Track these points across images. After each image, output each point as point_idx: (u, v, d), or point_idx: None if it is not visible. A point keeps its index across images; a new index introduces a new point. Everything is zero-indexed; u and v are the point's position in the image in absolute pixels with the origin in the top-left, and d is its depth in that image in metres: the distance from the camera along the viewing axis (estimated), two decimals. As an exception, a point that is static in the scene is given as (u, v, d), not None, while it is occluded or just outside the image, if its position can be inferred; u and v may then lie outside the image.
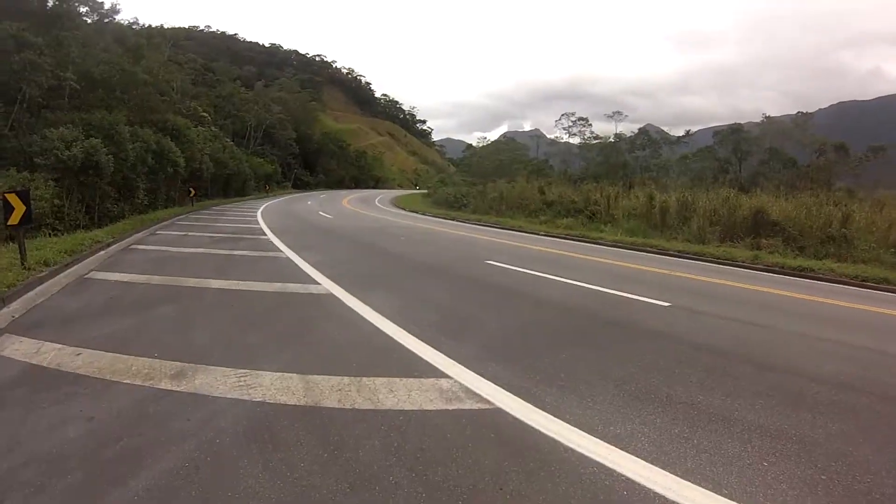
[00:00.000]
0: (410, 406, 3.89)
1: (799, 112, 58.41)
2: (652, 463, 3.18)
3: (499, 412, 3.81)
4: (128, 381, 4.27)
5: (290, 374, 4.45)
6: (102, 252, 11.72)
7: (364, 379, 4.37)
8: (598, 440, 3.42)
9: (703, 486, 2.96)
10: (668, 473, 3.07)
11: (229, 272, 9.50)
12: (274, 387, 4.20)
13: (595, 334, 6.04)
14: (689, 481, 3.00)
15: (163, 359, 4.77)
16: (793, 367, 5.12)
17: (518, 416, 3.74)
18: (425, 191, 61.12)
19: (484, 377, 4.45)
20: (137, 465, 3.05)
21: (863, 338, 6.58)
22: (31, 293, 7.46)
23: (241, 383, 4.26)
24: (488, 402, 3.97)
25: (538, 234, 20.18)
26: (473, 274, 10.13)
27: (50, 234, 14.08)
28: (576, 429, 3.56)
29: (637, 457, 3.23)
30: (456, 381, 4.35)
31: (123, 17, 54.44)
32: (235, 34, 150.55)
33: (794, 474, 3.14)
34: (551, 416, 3.74)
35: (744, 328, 6.70)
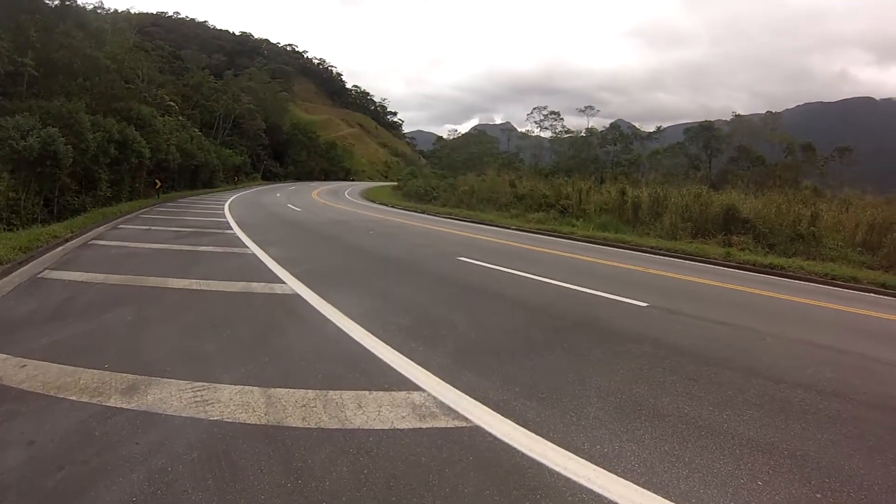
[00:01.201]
0: (381, 424, 3.58)
1: (768, 111, 59.82)
2: (644, 486, 2.94)
3: (477, 431, 3.53)
4: (74, 398, 3.87)
5: (250, 388, 4.11)
6: (60, 248, 11.13)
7: (331, 393, 4.06)
8: (584, 462, 3.16)
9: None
10: (661, 499, 2.84)
11: (191, 270, 9.06)
12: (233, 402, 3.85)
13: (574, 338, 5.78)
14: (683, 507, 2.78)
15: (114, 371, 4.37)
16: (776, 372, 4.97)
17: (498, 435, 3.46)
18: (395, 183, 60.75)
19: (459, 389, 4.17)
20: (80, 500, 2.72)
21: (841, 340, 6.53)
22: None
23: (197, 398, 3.90)
24: (465, 418, 3.69)
25: (509, 229, 20.05)
26: (445, 272, 9.86)
27: (5, 229, 13.47)
28: (561, 449, 3.30)
29: (628, 480, 2.99)
30: (429, 395, 4.06)
31: (87, 1, 53.05)
32: (205, 21, 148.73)
33: (790, 494, 2.97)
34: (534, 435, 3.46)
35: (724, 330, 6.56)
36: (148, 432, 3.40)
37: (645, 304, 7.58)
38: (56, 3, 32.06)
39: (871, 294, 10.69)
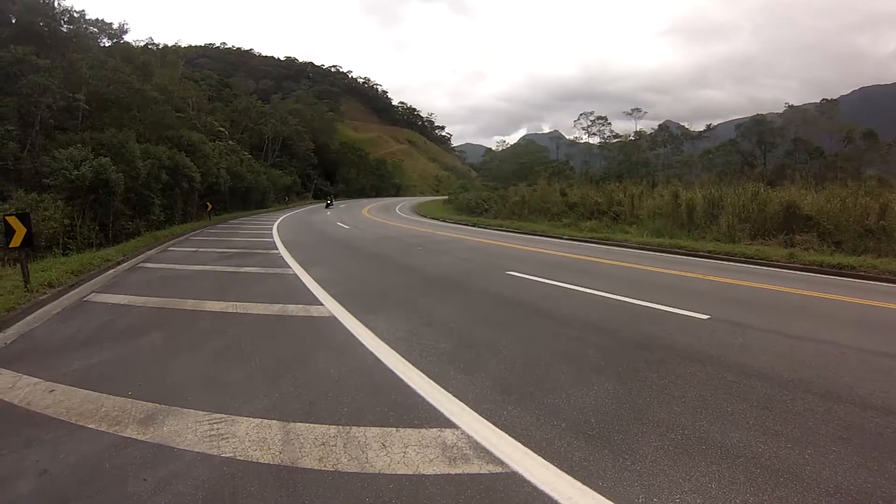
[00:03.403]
0: (405, 469, 3.18)
1: (823, 99, 57.19)
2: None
3: (514, 478, 3.07)
4: (93, 426, 3.82)
5: (269, 422, 3.84)
6: (111, 272, 11.44)
7: (353, 429, 3.70)
8: (640, 521, 2.67)
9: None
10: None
11: (230, 292, 8.98)
12: (249, 438, 3.58)
13: (629, 360, 5.22)
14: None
15: (136, 398, 4.29)
16: (862, 395, 4.32)
17: (538, 483, 2.99)
18: (446, 197, 60.77)
19: (497, 426, 3.72)
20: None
21: None
22: (29, 317, 7.30)
23: (213, 432, 3.67)
24: (501, 462, 3.23)
25: (561, 239, 19.50)
26: (492, 288, 9.39)
27: (61, 253, 13.93)
28: (610, 503, 2.82)
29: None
30: (463, 433, 3.63)
31: (138, 38, 55.39)
32: (251, 49, 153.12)
33: None
34: (580, 484, 2.98)
35: (796, 344, 5.88)
36: (157, 468, 3.25)
37: (706, 317, 6.95)
38: (106, 42, 33.45)
39: None
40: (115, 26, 34.46)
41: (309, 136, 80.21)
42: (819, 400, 4.22)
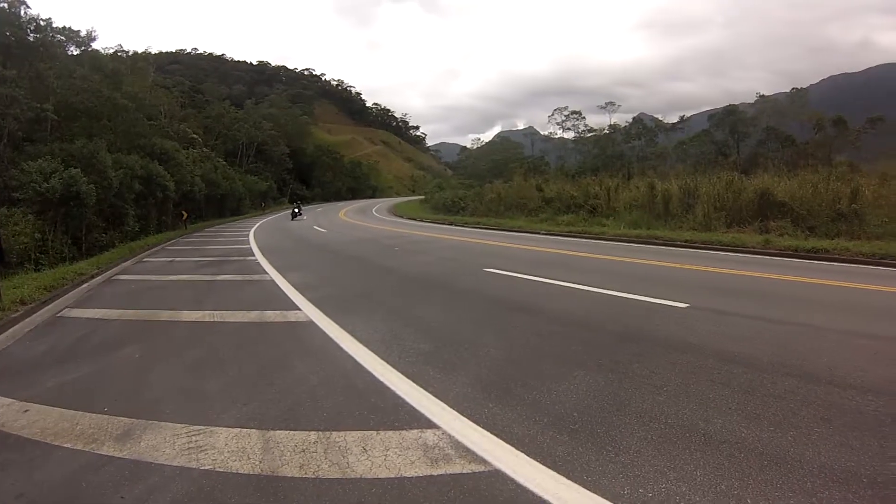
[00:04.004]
0: (387, 472, 3.10)
1: (793, 89, 57.94)
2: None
3: (497, 476, 3.00)
4: (69, 445, 3.68)
5: (248, 431, 3.73)
6: (85, 286, 11.14)
7: (334, 434, 3.62)
8: (626, 513, 2.62)
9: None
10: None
11: (207, 301, 8.84)
12: (228, 449, 3.48)
13: (609, 353, 5.18)
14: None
15: (112, 414, 4.15)
16: (841, 376, 4.34)
17: (521, 480, 2.92)
18: (422, 197, 60.68)
19: (479, 424, 3.66)
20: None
21: None
22: (1, 336, 7.01)
23: (191, 444, 3.56)
24: (484, 461, 3.17)
25: (539, 234, 19.59)
26: (470, 286, 9.35)
27: (34, 269, 13.62)
28: (596, 496, 2.75)
29: (679, 535, 2.46)
30: (444, 433, 3.56)
31: (107, 45, 54.47)
32: (223, 54, 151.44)
33: None
34: (564, 479, 2.92)
35: (775, 328, 5.92)
36: (135, 485, 3.12)
37: (685, 305, 6.96)
38: (74, 51, 32.86)
39: None
40: (83, 34, 33.64)
41: (283, 140, 79.56)
42: (799, 382, 4.23)
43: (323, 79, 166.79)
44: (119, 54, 51.58)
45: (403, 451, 3.36)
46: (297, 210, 39.81)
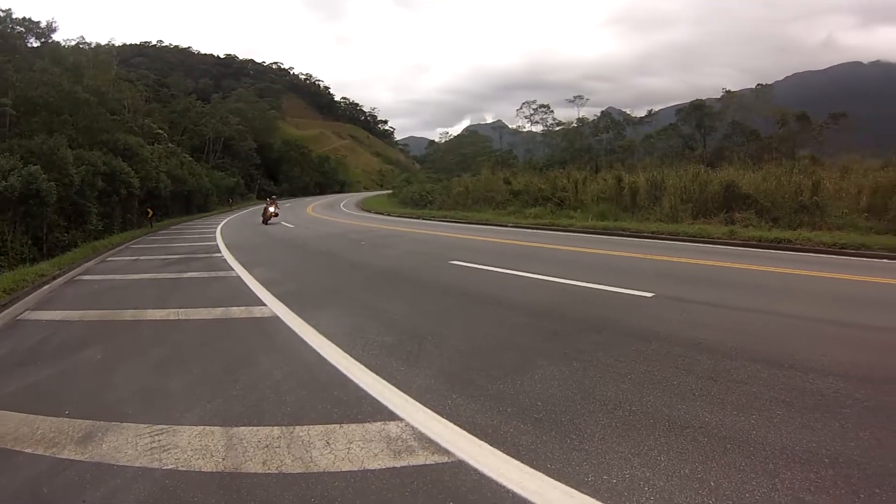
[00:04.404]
0: (350, 465, 3.04)
1: (758, 84, 59.11)
2: (663, 527, 2.40)
3: (460, 466, 2.96)
4: (30, 451, 3.55)
5: (211, 429, 3.64)
6: (46, 287, 10.71)
7: (297, 429, 3.54)
8: (591, 500, 2.60)
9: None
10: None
11: (172, 300, 8.66)
12: (191, 447, 3.39)
13: (575, 342, 5.18)
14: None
15: (73, 417, 4.02)
16: (803, 360, 4.41)
17: (485, 470, 2.88)
18: (391, 191, 60.49)
19: (442, 415, 3.61)
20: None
21: (864, 314, 6.03)
22: None
23: (154, 444, 3.46)
24: (447, 452, 3.12)
25: (506, 227, 19.65)
26: (436, 279, 9.33)
27: (-8, 271, 13.15)
28: (560, 484, 2.73)
29: (643, 520, 2.45)
30: (407, 425, 3.51)
31: (68, 37, 52.93)
32: (189, 47, 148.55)
33: None
34: (528, 468, 2.89)
35: (739, 316, 6.02)
36: (97, 487, 3.03)
37: (651, 295, 7.01)
38: (34, 43, 31.93)
39: (884, 260, 10.31)
40: (44, 25, 32.76)
41: (251, 135, 78.46)
42: (762, 367, 4.28)
43: (291, 73, 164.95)
44: (81, 46, 50.40)
45: (366, 443, 3.30)
46: (273, 210, 27.47)
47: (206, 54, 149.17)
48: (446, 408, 3.75)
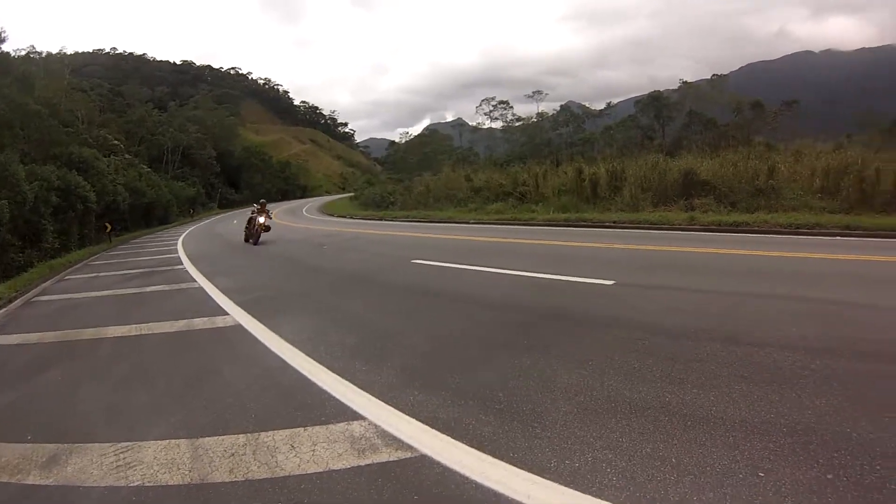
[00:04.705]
0: (315, 467, 3.02)
1: (714, 75, 60.55)
2: (625, 505, 2.43)
3: (423, 460, 2.96)
4: None
5: (177, 441, 3.57)
6: (2, 311, 10.37)
7: (262, 435, 3.50)
8: (552, 484, 2.63)
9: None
10: (648, 518, 2.34)
11: (133, 315, 8.41)
12: (157, 462, 3.32)
13: (536, 333, 5.23)
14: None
15: (37, 442, 3.90)
16: (760, 336, 4.55)
17: (448, 463, 2.89)
18: (352, 194, 60.23)
19: (405, 412, 3.61)
20: None
21: (818, 289, 6.27)
22: None
23: (119, 462, 3.37)
24: (410, 447, 3.12)
25: (468, 223, 19.70)
26: (399, 279, 9.29)
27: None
28: (522, 471, 2.75)
29: (605, 500, 2.48)
30: (371, 423, 3.49)
31: (18, 47, 51.26)
32: (144, 54, 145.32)
33: (797, 480, 2.52)
34: (490, 458, 2.91)
35: (698, 298, 6.15)
36: None
37: (611, 283, 7.11)
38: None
39: (837, 237, 10.69)
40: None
41: (210, 143, 77.08)
42: (721, 346, 4.38)
43: (250, 78, 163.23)
44: (32, 56, 49.00)
45: (331, 444, 3.27)
46: (263, 222, 18.35)
47: (162, 61, 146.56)
48: (409, 404, 3.74)
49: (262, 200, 19.35)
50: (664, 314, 5.50)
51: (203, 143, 74.86)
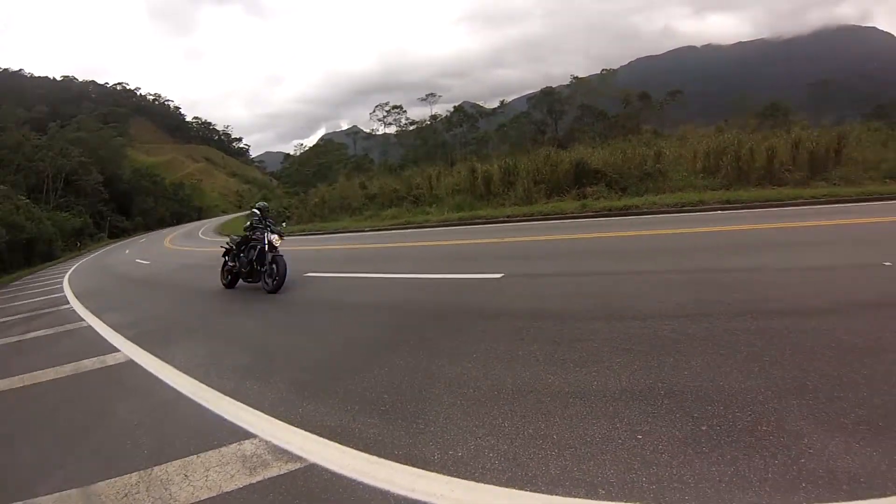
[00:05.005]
0: (208, 492, 2.95)
1: (603, 70, 63.73)
2: (508, 485, 2.56)
3: (312, 469, 2.97)
4: None
5: (69, 492, 3.36)
6: None
7: (155, 469, 3.36)
8: (436, 475, 2.71)
9: (577, 497, 2.41)
10: (529, 493, 2.47)
11: (13, 366, 7.65)
12: (49, 518, 3.11)
13: (422, 332, 5.34)
14: (560, 495, 2.43)
15: None
16: (639, 309, 4.91)
17: (336, 469, 2.92)
18: (250, 211, 58.46)
19: (294, 425, 3.60)
20: None
21: (694, 260, 6.79)
22: None
23: None
24: (299, 458, 3.12)
25: (363, 231, 19.49)
26: (291, 294, 9.10)
27: None
28: (407, 467, 2.83)
29: (489, 483, 2.59)
30: (261, 440, 3.45)
31: None
32: (20, 70, 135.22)
33: (674, 436, 2.75)
34: (376, 458, 2.96)
35: (583, 282, 6.47)
36: None
37: (500, 276, 7.32)
38: None
39: (719, 211, 11.61)
40: None
41: (96, 167, 72.18)
42: (604, 323, 4.66)
43: (138, 94, 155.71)
44: None
45: (223, 467, 3.21)
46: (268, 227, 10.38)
47: (40, 77, 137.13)
48: (297, 416, 3.73)
49: (260, 205, 10.91)
50: (549, 300, 5.76)
51: (88, 167, 70.17)
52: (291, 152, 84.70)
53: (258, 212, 10.35)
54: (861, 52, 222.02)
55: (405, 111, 65.51)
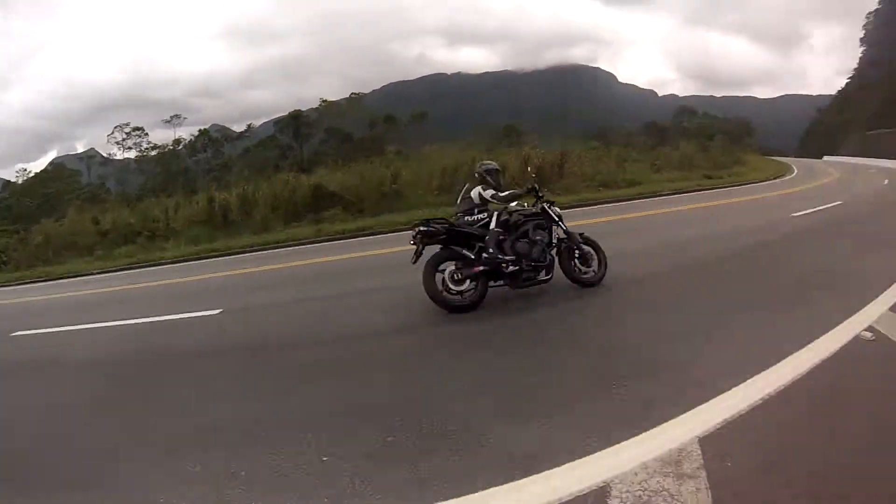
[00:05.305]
0: None
1: (352, 94, 65.64)
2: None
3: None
4: None
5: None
6: None
7: None
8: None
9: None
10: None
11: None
12: None
13: (127, 387, 4.72)
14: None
15: None
16: (352, 332, 5.24)
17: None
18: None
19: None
20: None
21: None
22: None
23: None
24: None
25: (93, 274, 16.64)
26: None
27: None
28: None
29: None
30: None
31: None
32: None
33: (360, 451, 2.87)
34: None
35: (291, 310, 6.78)
36: None
37: (218, 311, 6.99)
38: None
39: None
40: None
41: None
42: (309, 351, 4.87)
43: None
44: None
45: None
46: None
47: None
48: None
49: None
50: (266, 333, 5.81)
51: None
52: (13, 179, 71.42)
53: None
54: (588, 86, 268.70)
55: (147, 133, 59.96)
